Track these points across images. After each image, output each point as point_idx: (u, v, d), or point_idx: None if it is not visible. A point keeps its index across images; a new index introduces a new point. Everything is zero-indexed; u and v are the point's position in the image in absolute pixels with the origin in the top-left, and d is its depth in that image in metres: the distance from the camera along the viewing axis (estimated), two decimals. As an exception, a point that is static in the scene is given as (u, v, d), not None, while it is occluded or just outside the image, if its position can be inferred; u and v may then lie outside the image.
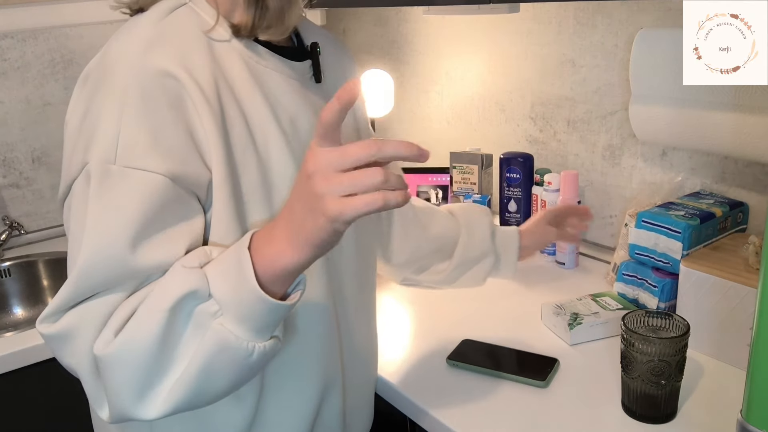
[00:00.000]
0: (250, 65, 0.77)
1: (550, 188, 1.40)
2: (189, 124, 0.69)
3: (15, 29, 1.67)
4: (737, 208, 1.17)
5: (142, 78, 0.68)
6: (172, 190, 0.68)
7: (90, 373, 0.67)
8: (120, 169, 0.67)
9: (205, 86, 0.71)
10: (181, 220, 0.69)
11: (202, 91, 0.70)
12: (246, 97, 0.75)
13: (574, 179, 1.35)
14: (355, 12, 1.99)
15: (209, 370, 0.64)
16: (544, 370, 1.01)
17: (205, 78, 0.71)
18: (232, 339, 0.63)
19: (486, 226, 1.13)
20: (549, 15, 1.47)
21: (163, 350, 0.64)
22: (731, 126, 1.11)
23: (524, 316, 1.20)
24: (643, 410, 0.90)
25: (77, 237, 0.68)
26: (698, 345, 1.02)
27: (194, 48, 0.72)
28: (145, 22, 0.74)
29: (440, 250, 1.11)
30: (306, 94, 0.83)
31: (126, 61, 0.70)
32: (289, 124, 0.79)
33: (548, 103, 1.52)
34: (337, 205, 0.58)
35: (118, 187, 0.67)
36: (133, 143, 0.67)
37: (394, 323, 1.22)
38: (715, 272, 1.02)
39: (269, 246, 0.64)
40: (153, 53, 0.70)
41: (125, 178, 0.67)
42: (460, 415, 0.94)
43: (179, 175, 0.68)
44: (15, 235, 1.72)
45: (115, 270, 0.66)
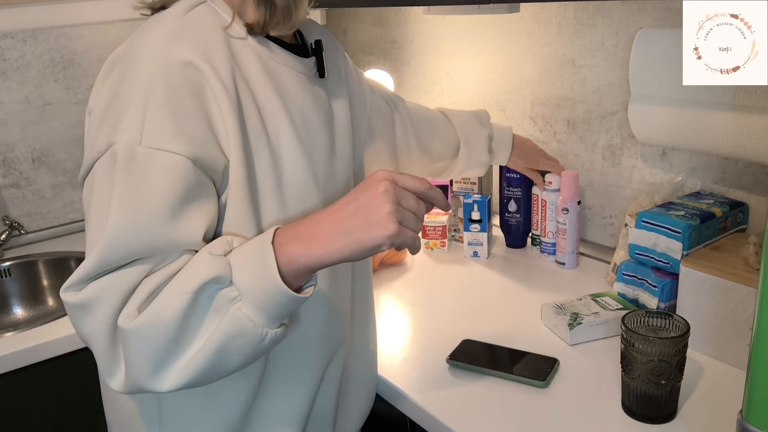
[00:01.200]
0: (263, 60, 0.82)
1: (550, 188, 1.40)
2: (209, 112, 0.74)
3: (15, 29, 1.67)
4: (737, 208, 1.17)
5: (166, 68, 0.73)
6: (193, 173, 0.72)
7: (106, 342, 0.71)
8: (146, 150, 0.71)
9: (225, 78, 0.75)
10: (201, 201, 0.73)
11: (222, 82, 0.75)
12: (260, 90, 0.80)
13: (574, 179, 1.35)
14: (355, 12, 1.99)
15: (223, 350, 0.69)
16: (544, 370, 1.01)
17: (224, 70, 0.76)
18: (249, 324, 0.69)
19: (484, 141, 1.36)
20: (549, 15, 1.47)
21: (183, 330, 0.69)
22: (731, 126, 1.11)
23: (524, 316, 1.20)
24: (643, 410, 0.90)
25: (102, 211, 0.71)
26: (698, 345, 1.02)
27: (214, 42, 0.77)
28: (169, 17, 0.78)
29: (441, 160, 1.32)
30: (313, 89, 0.88)
31: (151, 52, 0.74)
32: (300, 117, 0.84)
33: (548, 103, 1.52)
34: (397, 228, 0.69)
35: (145, 167, 0.71)
36: (158, 127, 0.71)
37: (394, 323, 1.22)
38: (715, 272, 1.02)
39: (296, 244, 0.70)
40: (177, 45, 0.74)
41: (151, 158, 0.71)
42: (460, 414, 0.94)
43: (200, 159, 0.72)
44: (15, 235, 1.72)
45: (141, 243, 0.70)
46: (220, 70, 0.75)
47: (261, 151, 0.79)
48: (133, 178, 0.70)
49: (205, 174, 0.74)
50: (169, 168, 0.71)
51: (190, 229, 0.72)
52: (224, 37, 0.79)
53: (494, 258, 1.48)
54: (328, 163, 0.88)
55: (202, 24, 0.78)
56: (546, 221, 1.42)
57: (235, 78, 0.77)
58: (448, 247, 1.53)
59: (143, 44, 0.76)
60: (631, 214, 1.25)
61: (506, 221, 1.52)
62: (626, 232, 1.25)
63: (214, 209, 0.76)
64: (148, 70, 0.73)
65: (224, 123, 0.74)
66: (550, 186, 1.40)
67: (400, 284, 1.38)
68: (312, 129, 0.85)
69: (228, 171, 0.76)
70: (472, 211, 1.46)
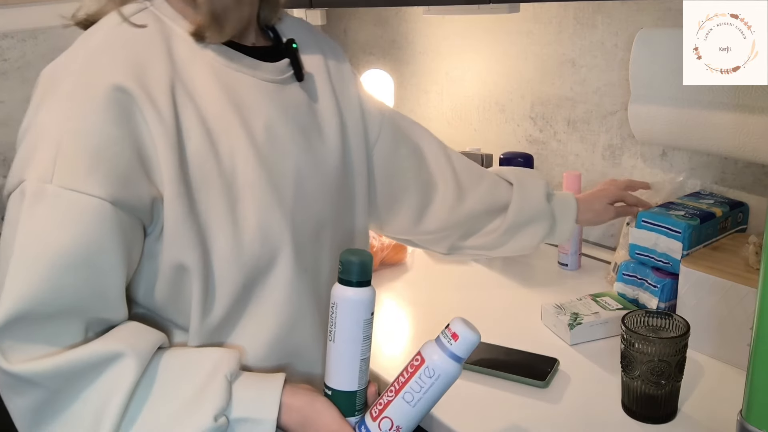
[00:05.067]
0: (216, 70, 0.74)
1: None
2: (137, 140, 0.67)
3: (15, 29, 1.67)
4: (737, 208, 1.17)
5: (88, 92, 0.65)
6: (112, 216, 0.65)
7: (28, 427, 0.69)
8: (56, 190, 0.63)
9: (159, 98, 0.68)
10: (120, 247, 0.67)
11: (154, 103, 0.67)
12: (209, 105, 0.72)
13: (577, 180, 1.35)
14: (355, 12, 1.99)
15: None
16: (544, 370, 1.01)
17: (161, 89, 0.68)
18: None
19: (541, 187, 1.10)
20: (549, 15, 1.47)
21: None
22: (731, 126, 1.11)
23: (524, 316, 1.20)
24: (643, 410, 0.90)
25: (4, 255, 0.65)
26: (698, 345, 1.02)
27: (151, 56, 0.69)
28: (97, 33, 0.71)
29: (488, 211, 1.07)
30: (284, 96, 0.80)
31: (73, 74, 0.67)
32: (263, 129, 0.76)
33: (548, 103, 1.52)
34: None
35: (54, 209, 0.63)
36: (72, 162, 0.64)
37: (394, 323, 1.22)
38: (715, 272, 1.02)
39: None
40: (101, 65, 0.67)
41: (62, 199, 0.63)
42: (460, 414, 0.94)
43: (121, 199, 0.66)
44: (15, 235, 1.72)
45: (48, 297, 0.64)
46: (154, 90, 0.67)
47: (207, 175, 0.71)
48: (39, 222, 0.63)
49: (128, 214, 0.67)
50: (81, 212, 0.64)
51: (107, 282, 0.67)
52: (165, 49, 0.71)
53: (494, 258, 1.48)
54: (301, 179, 0.79)
55: (136, 35, 0.70)
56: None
57: (176, 96, 0.69)
58: (448, 247, 1.53)
59: (66, 64, 0.69)
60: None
61: (506, 221, 1.52)
62: (626, 231, 1.25)
63: (136, 253, 0.70)
64: (67, 96, 0.66)
65: (156, 152, 0.67)
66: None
67: (400, 284, 1.38)
68: (279, 143, 0.77)
69: (160, 205, 0.69)
70: (472, 211, 1.46)
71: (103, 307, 0.69)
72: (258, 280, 0.76)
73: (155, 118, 0.67)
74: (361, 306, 0.71)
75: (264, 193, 0.74)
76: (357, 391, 0.73)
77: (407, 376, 0.71)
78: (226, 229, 0.72)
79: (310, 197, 0.81)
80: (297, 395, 0.72)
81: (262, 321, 0.77)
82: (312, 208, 0.81)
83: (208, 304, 0.73)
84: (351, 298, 0.70)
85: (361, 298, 0.70)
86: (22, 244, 0.64)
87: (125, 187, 0.66)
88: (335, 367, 0.73)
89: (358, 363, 0.72)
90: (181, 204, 0.69)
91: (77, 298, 0.66)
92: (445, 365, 0.71)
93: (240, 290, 0.74)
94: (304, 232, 0.79)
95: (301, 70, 0.82)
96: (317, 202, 0.82)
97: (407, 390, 0.71)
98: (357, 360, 0.72)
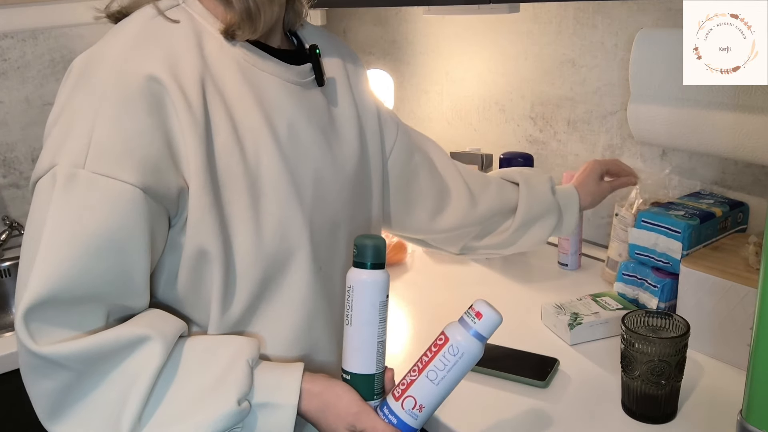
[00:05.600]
0: (244, 69, 0.75)
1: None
2: (168, 131, 0.68)
3: (15, 29, 1.67)
4: (737, 208, 1.17)
5: (122, 81, 0.66)
6: (142, 203, 0.66)
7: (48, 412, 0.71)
8: (89, 175, 0.64)
9: (190, 91, 0.69)
10: (148, 235, 0.68)
11: (186, 96, 0.68)
12: (237, 102, 0.74)
13: (574, 179, 1.35)
14: (355, 12, 1.99)
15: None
16: (544, 370, 1.01)
17: (192, 82, 0.70)
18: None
19: (546, 182, 1.14)
20: (549, 15, 1.47)
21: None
22: (731, 126, 1.11)
23: (524, 316, 1.20)
24: (643, 410, 0.90)
25: (34, 238, 0.66)
26: (698, 345, 1.02)
27: (183, 51, 0.71)
28: (133, 23, 0.72)
29: (500, 212, 1.11)
30: (306, 98, 0.81)
31: (108, 63, 0.68)
32: (286, 130, 0.77)
33: (548, 103, 1.52)
34: None
35: (87, 194, 0.65)
36: (105, 149, 0.65)
37: (395, 323, 1.22)
38: (715, 272, 1.02)
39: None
40: (137, 55, 0.68)
41: (94, 184, 0.64)
42: (460, 414, 0.94)
43: (151, 187, 0.67)
44: (15, 235, 1.71)
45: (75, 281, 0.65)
46: (186, 83, 0.69)
47: (233, 170, 0.72)
48: (71, 205, 0.64)
49: (157, 202, 0.68)
50: (113, 197, 0.65)
51: (134, 268, 0.68)
52: (196, 45, 0.72)
53: (494, 258, 1.48)
54: (320, 180, 0.81)
55: (170, 30, 0.72)
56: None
57: (206, 91, 0.71)
58: (448, 247, 1.53)
59: (102, 53, 0.69)
60: (622, 205, 1.24)
61: (506, 221, 1.52)
62: (617, 222, 1.25)
63: (160, 242, 0.71)
64: (102, 83, 0.66)
65: (185, 142, 0.68)
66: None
67: (400, 284, 1.38)
68: (301, 144, 0.79)
69: (186, 195, 0.70)
70: (472, 211, 1.46)
71: (126, 294, 0.70)
72: (275, 276, 0.77)
73: (186, 110, 0.68)
74: (377, 288, 0.72)
75: (286, 191, 0.76)
76: (375, 374, 0.74)
77: (431, 355, 0.73)
78: (248, 223, 0.73)
79: (328, 198, 0.82)
80: (316, 381, 0.74)
81: (278, 318, 0.78)
82: (329, 209, 0.82)
83: (228, 297, 0.74)
84: (366, 281, 0.72)
85: (376, 279, 0.72)
86: (53, 228, 0.64)
87: (155, 176, 0.67)
88: (353, 350, 0.74)
89: (376, 345, 0.73)
90: (207, 195, 0.70)
91: (104, 281, 0.67)
92: (469, 343, 0.72)
93: (258, 285, 0.75)
94: (321, 231, 0.81)
95: (322, 75, 0.84)
96: (334, 203, 0.83)
97: (431, 368, 0.72)
98: (374, 342, 0.73)
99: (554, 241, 1.44)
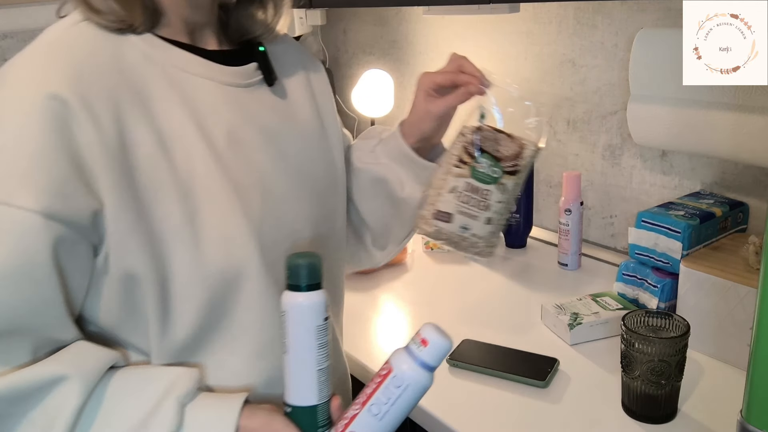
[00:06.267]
0: (172, 75, 0.71)
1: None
2: (74, 151, 0.63)
3: (15, 29, 1.67)
4: (737, 208, 1.17)
5: (22, 100, 0.63)
6: (43, 229, 0.61)
7: None
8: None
9: (99, 106, 0.65)
10: (51, 263, 0.63)
11: (93, 112, 0.64)
12: (163, 111, 0.69)
13: (576, 180, 1.35)
14: (355, 12, 1.99)
15: None
16: (544, 370, 1.01)
17: (102, 96, 0.65)
18: None
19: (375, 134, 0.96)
20: (549, 15, 1.47)
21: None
22: (731, 126, 1.11)
23: (524, 316, 1.20)
24: (643, 410, 0.90)
25: None
26: (698, 345, 1.02)
27: (96, 63, 0.67)
28: (48, 35, 0.69)
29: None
30: (252, 101, 0.77)
31: (11, 80, 0.65)
32: (224, 136, 0.72)
33: (548, 103, 1.52)
34: None
35: None
36: (3, 174, 0.61)
37: (395, 323, 1.22)
38: (715, 272, 1.02)
39: None
40: (40, 73, 0.65)
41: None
42: (461, 414, 0.94)
43: (56, 212, 0.62)
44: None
45: None
46: (94, 98, 0.64)
47: (161, 185, 0.67)
48: None
49: (67, 227, 0.63)
50: (10, 225, 0.60)
51: (51, 298, 0.64)
52: (112, 54, 0.68)
53: (494, 258, 1.48)
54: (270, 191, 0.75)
55: (85, 41, 0.68)
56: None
57: (120, 104, 0.66)
58: (448, 247, 1.53)
59: (9, 68, 0.66)
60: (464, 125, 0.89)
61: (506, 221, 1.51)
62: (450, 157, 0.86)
63: (80, 270, 0.66)
64: (4, 102, 0.63)
65: (94, 162, 0.64)
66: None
67: (400, 284, 1.38)
68: (244, 150, 0.73)
69: (102, 217, 0.65)
70: (472, 211, 1.46)
71: (50, 326, 0.66)
72: (224, 299, 0.71)
73: (93, 127, 0.64)
74: (312, 311, 0.66)
75: (226, 202, 0.70)
76: (317, 405, 0.68)
77: (374, 387, 0.67)
78: (185, 240, 0.68)
79: (282, 209, 0.76)
80: (255, 416, 0.68)
81: (229, 345, 0.73)
82: (285, 222, 0.77)
83: (168, 322, 0.70)
84: (301, 305, 0.66)
85: (312, 302, 0.66)
86: None
87: (60, 200, 0.62)
88: (292, 381, 0.68)
89: (315, 374, 0.67)
90: (128, 213, 0.65)
91: (22, 314, 0.63)
92: (414, 374, 0.66)
93: (205, 309, 0.70)
94: (276, 247, 0.75)
95: (271, 74, 0.79)
96: (291, 215, 0.78)
97: (374, 402, 0.66)
98: (313, 371, 0.67)
99: (554, 241, 1.44)
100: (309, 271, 0.66)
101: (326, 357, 0.68)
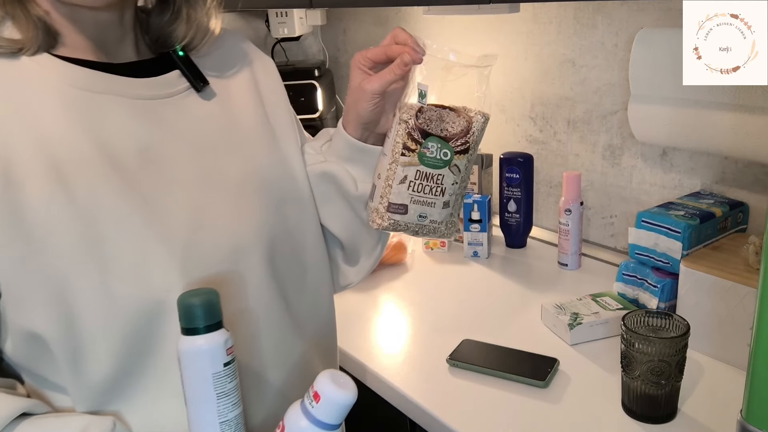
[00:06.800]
0: (69, 97, 0.65)
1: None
2: None
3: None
4: (737, 208, 1.17)
5: None
6: None
7: None
8: None
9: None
10: None
11: None
12: (59, 138, 0.63)
13: (576, 180, 1.35)
14: (355, 12, 1.99)
15: None
16: (544, 370, 1.01)
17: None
18: None
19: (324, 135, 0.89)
20: (549, 15, 1.47)
21: None
22: (731, 126, 1.11)
23: (524, 316, 1.20)
24: (643, 410, 0.90)
25: None
26: (698, 345, 1.02)
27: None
28: None
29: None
30: (174, 111, 0.71)
31: None
32: (136, 154, 0.66)
33: (548, 103, 1.52)
34: None
35: None
36: None
37: (395, 323, 1.22)
38: (715, 272, 1.02)
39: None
40: None
41: None
42: (461, 414, 0.94)
43: None
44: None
45: None
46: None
47: (57, 220, 0.61)
48: None
49: None
50: None
51: None
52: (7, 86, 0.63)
53: (494, 258, 1.48)
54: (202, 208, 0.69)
55: None
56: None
57: (6, 140, 0.61)
58: (448, 247, 1.53)
59: None
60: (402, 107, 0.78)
61: (506, 221, 1.52)
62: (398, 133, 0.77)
63: None
64: None
65: None
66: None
67: (400, 284, 1.38)
68: (163, 167, 0.68)
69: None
70: (472, 211, 1.46)
71: None
72: (148, 330, 0.65)
73: None
74: (206, 357, 0.59)
75: (139, 226, 0.64)
76: None
77: None
78: (88, 274, 0.62)
79: (219, 221, 0.70)
80: None
81: (164, 378, 0.67)
82: (222, 236, 0.70)
83: (80, 364, 0.64)
84: (200, 349, 0.59)
85: (206, 347, 0.59)
86: None
87: None
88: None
89: (218, 427, 0.60)
90: (16, 260, 0.60)
91: None
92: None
93: (123, 345, 0.64)
94: (209, 265, 0.68)
95: (199, 78, 0.73)
96: (229, 228, 0.70)
97: None
98: (215, 424, 0.60)
99: (554, 241, 1.44)
100: (205, 310, 0.59)
101: (233, 407, 0.61)
